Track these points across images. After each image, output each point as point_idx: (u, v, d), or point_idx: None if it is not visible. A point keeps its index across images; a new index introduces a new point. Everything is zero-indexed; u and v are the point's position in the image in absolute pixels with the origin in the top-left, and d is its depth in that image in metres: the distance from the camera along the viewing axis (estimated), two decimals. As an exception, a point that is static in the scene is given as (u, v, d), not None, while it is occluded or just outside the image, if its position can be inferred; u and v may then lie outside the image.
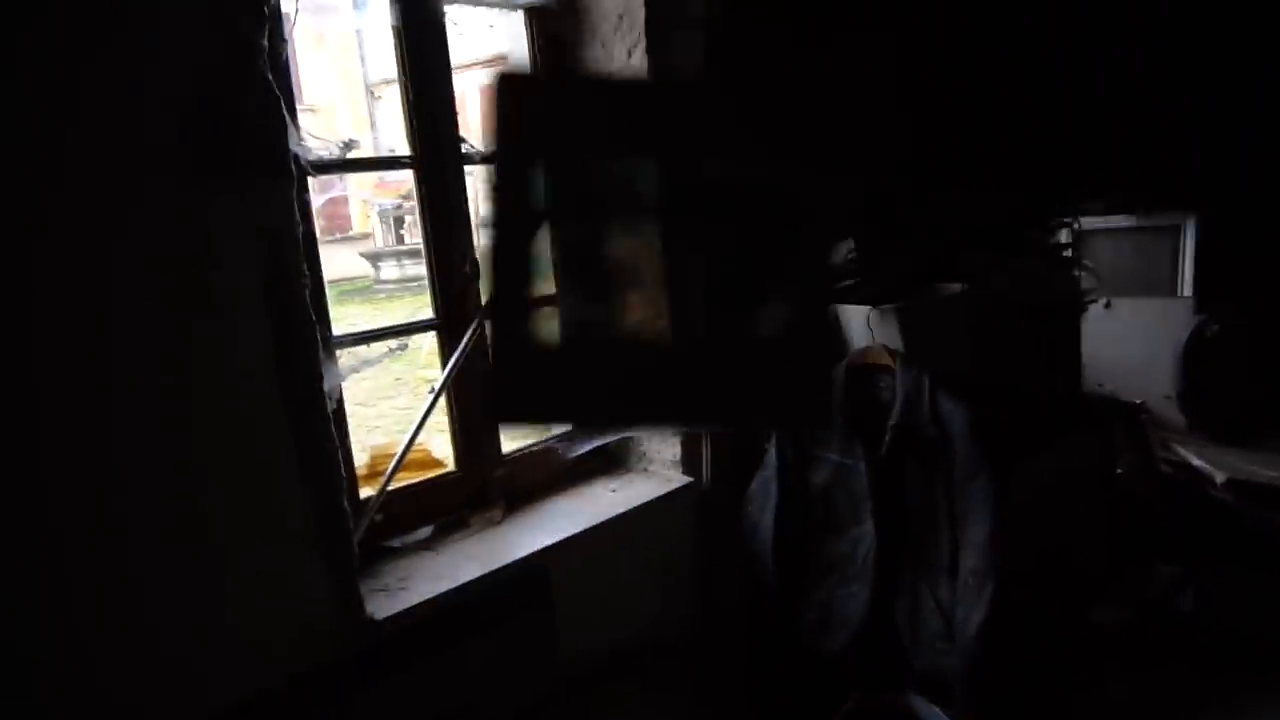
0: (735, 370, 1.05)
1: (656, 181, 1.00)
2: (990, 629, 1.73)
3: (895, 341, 1.93)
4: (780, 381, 1.06)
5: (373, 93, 14.39)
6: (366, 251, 11.72)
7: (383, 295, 10.98)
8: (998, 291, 2.21)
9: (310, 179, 1.64)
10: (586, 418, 1.37)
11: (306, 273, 1.50)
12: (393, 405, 5.50)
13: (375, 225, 12.65)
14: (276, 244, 1.45)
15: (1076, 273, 2.75)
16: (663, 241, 1.00)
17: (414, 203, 1.96)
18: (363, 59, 14.51)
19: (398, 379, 6.10)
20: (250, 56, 1.39)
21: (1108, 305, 2.99)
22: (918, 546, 1.88)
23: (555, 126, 1.01)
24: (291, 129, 1.51)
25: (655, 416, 1.26)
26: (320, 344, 1.52)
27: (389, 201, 11.98)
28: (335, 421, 1.68)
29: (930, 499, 1.85)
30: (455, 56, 1.89)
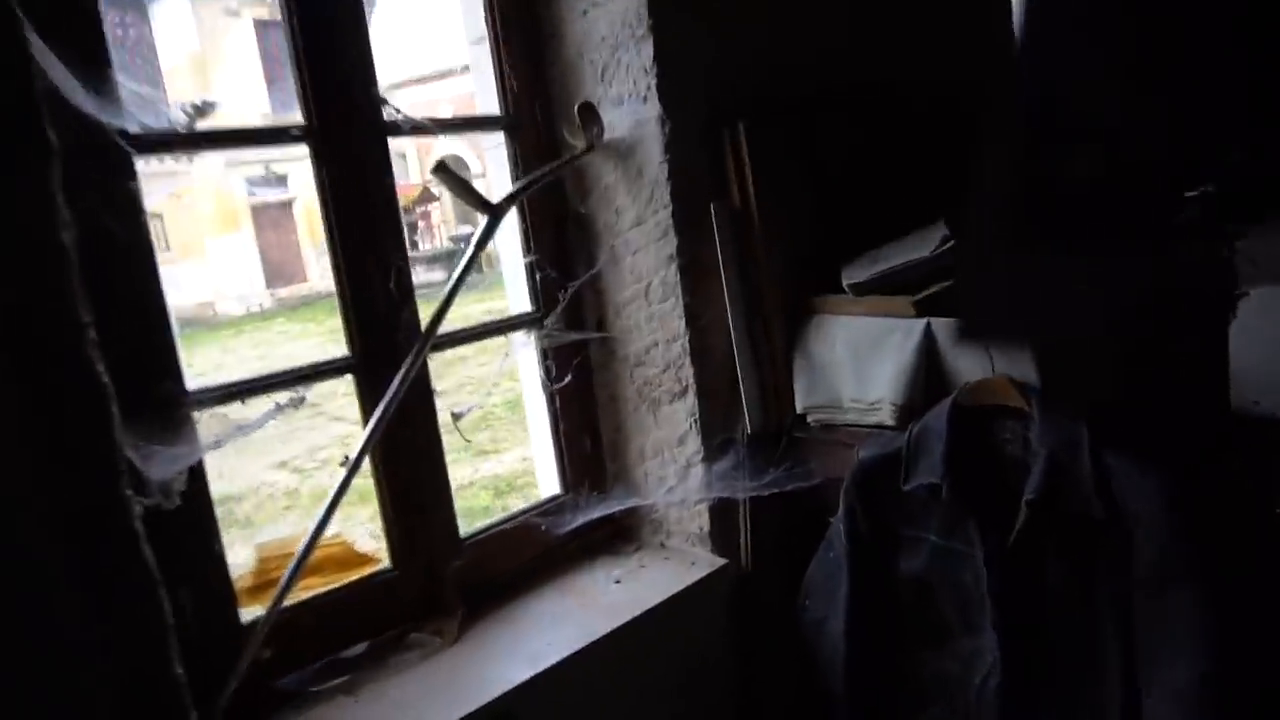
0: None
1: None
2: (1201, 821, 1.10)
3: (1027, 371, 1.29)
4: None
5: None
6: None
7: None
8: (1141, 290, 1.57)
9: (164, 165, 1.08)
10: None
11: (84, 310, 0.92)
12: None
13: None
14: (24, 259, 0.88)
15: (1222, 259, 2.08)
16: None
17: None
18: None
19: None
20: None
21: (1243, 296, 2.33)
22: (1065, 678, 1.26)
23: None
24: (61, 72, 0.94)
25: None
26: (115, 419, 0.94)
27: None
28: (188, 522, 1.13)
29: (1086, 609, 1.22)
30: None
